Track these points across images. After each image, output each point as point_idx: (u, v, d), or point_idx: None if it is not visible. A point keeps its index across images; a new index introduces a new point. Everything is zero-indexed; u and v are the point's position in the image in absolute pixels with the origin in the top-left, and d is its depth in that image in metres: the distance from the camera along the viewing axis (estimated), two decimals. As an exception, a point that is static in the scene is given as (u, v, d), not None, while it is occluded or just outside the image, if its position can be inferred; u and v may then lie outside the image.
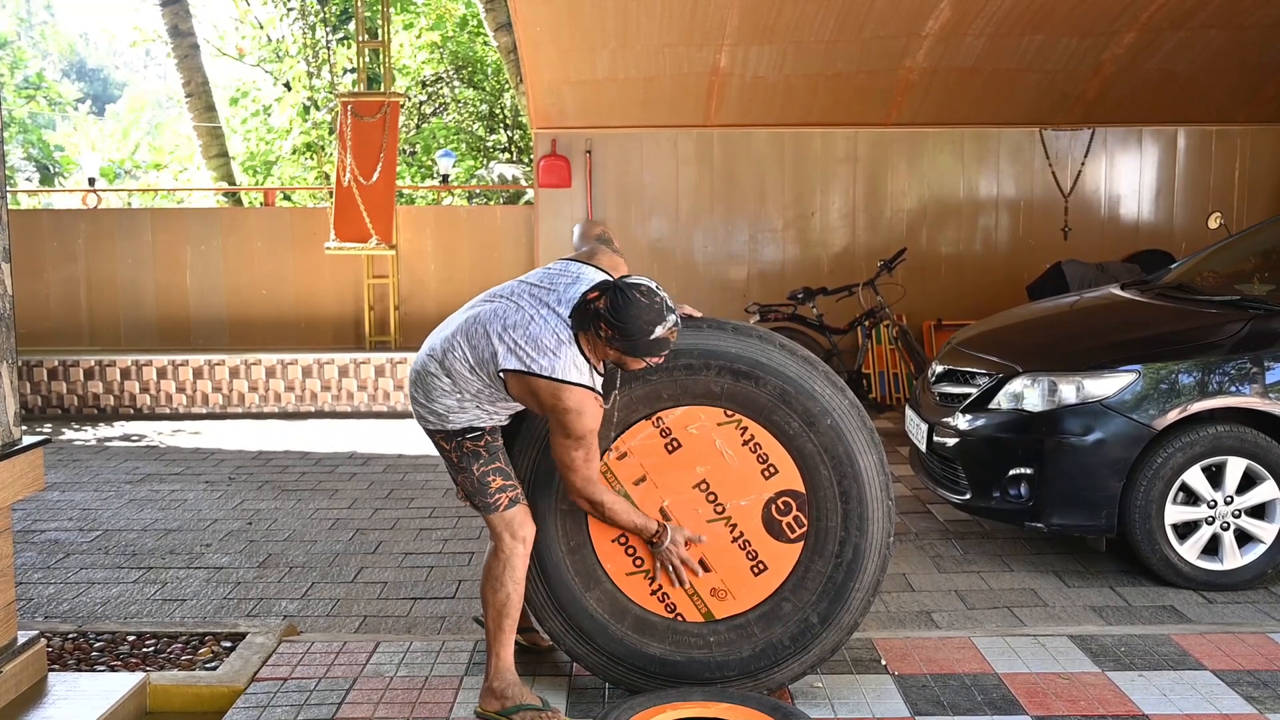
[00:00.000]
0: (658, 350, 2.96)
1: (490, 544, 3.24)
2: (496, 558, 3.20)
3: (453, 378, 3.11)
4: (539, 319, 3.03)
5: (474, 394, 3.12)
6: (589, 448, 3.03)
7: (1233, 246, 5.84)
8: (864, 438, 3.24)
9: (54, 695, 3.31)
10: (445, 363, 3.12)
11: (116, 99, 36.44)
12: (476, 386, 3.11)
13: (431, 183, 16.06)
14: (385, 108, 9.20)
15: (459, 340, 3.12)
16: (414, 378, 3.22)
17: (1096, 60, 8.62)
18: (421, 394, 3.19)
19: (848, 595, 3.23)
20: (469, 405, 3.15)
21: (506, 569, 3.18)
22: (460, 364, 3.10)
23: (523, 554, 3.19)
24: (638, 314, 2.89)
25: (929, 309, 9.12)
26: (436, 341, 3.19)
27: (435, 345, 3.19)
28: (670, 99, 8.92)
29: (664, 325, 2.93)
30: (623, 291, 2.91)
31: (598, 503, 3.12)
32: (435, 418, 3.19)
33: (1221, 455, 4.34)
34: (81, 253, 9.66)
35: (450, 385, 3.12)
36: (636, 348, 2.93)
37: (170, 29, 15.37)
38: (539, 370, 2.97)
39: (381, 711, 3.30)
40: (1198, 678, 3.47)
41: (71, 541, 5.27)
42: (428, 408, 3.19)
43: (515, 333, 3.02)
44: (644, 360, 2.99)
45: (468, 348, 3.09)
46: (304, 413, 8.63)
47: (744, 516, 3.24)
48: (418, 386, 3.20)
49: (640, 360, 2.98)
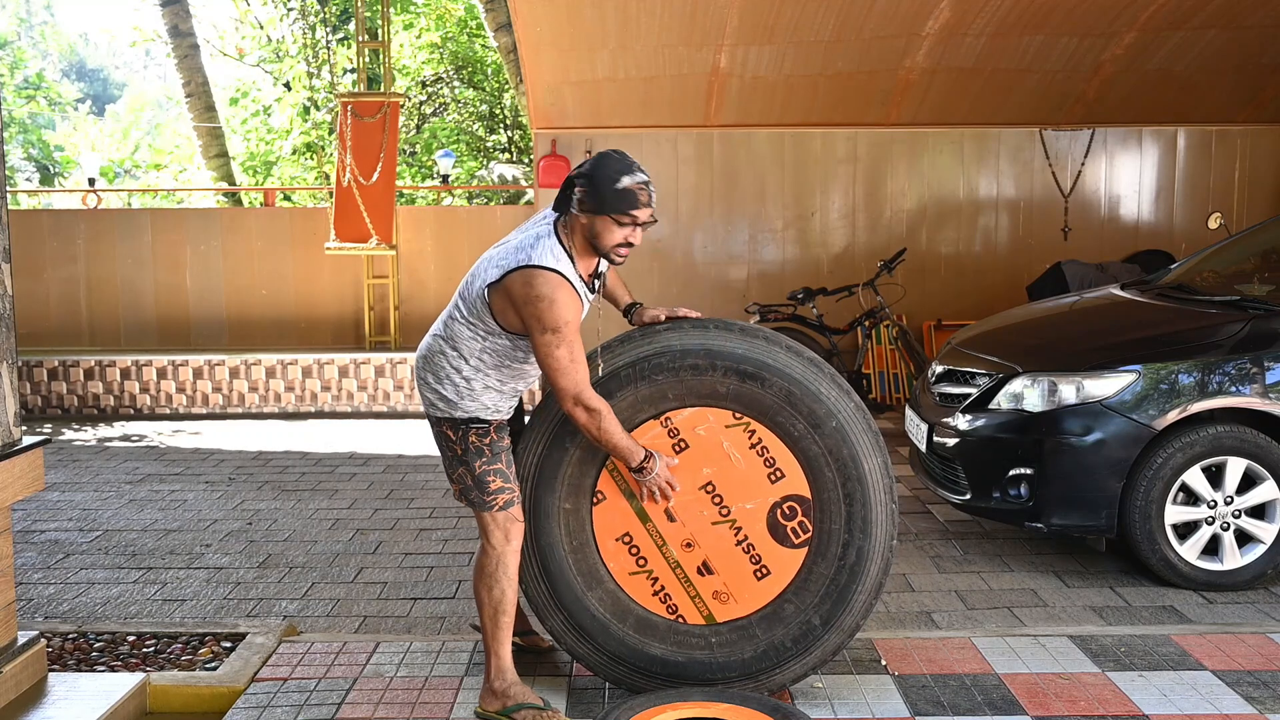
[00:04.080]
0: (626, 204, 3.03)
1: (480, 543, 3.24)
2: (488, 556, 3.20)
3: (457, 346, 3.14)
4: (518, 234, 3.17)
5: (478, 360, 3.13)
6: (571, 345, 2.99)
7: (1233, 246, 5.84)
8: (869, 440, 3.24)
9: (54, 695, 3.30)
10: (448, 332, 3.18)
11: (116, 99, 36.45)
12: (479, 345, 3.12)
13: (431, 183, 16.06)
14: (385, 108, 9.20)
15: (455, 303, 3.19)
16: (422, 361, 3.24)
17: (1096, 60, 8.62)
18: (431, 375, 3.20)
19: (850, 598, 3.23)
20: (476, 382, 3.14)
21: (499, 566, 3.17)
22: (460, 325, 3.15)
23: (514, 552, 3.19)
24: (605, 163, 3.06)
25: (929, 309, 9.12)
26: (439, 320, 3.26)
27: (439, 321, 3.25)
28: (670, 99, 8.92)
29: (632, 177, 3.05)
30: (601, 153, 3.12)
31: (593, 410, 3.03)
32: (444, 403, 3.18)
33: (1221, 455, 4.34)
34: (81, 253, 9.66)
35: (456, 356, 3.14)
36: (605, 198, 3.02)
37: (170, 29, 15.38)
38: (514, 264, 3.02)
39: (381, 712, 3.30)
40: (1198, 678, 3.47)
41: (71, 542, 5.27)
42: (437, 391, 3.18)
43: (496, 255, 3.12)
44: (616, 221, 3.03)
45: (462, 303, 3.16)
46: (304, 413, 8.63)
47: (749, 520, 3.23)
48: (427, 368, 3.21)
49: (612, 223, 3.03)
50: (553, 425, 3.26)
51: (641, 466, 3.14)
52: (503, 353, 3.15)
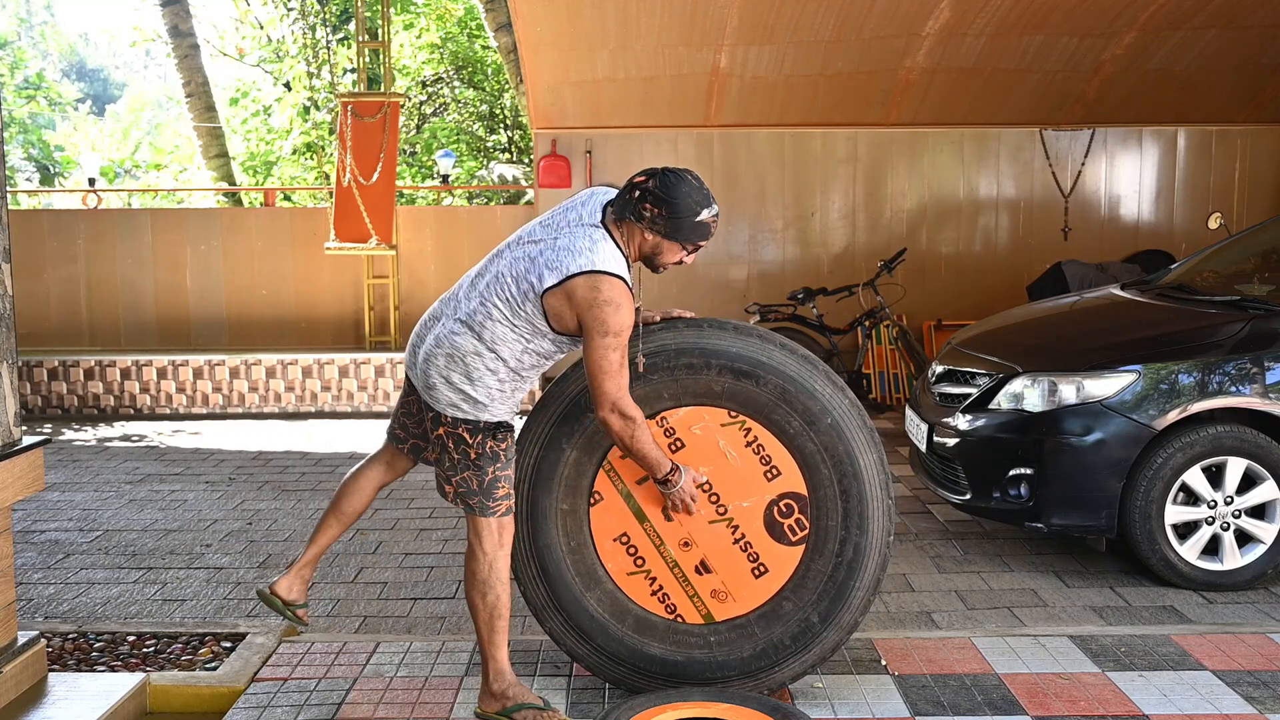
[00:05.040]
0: (699, 236, 3.04)
1: (469, 547, 3.18)
2: (479, 561, 3.14)
3: (496, 348, 3.02)
4: (565, 234, 3.01)
5: (518, 361, 3.05)
6: (623, 350, 2.97)
7: (1233, 246, 5.84)
8: (864, 437, 3.24)
9: (54, 695, 3.30)
10: (484, 333, 3.02)
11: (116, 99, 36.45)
12: (521, 347, 3.04)
13: (431, 183, 16.06)
14: (385, 108, 9.20)
15: (492, 303, 3.02)
16: (445, 360, 3.05)
17: (1096, 60, 8.62)
18: (458, 374, 3.03)
19: (848, 594, 3.23)
20: (509, 385, 3.08)
21: (492, 571, 3.15)
22: (502, 326, 3.01)
23: (505, 556, 3.17)
24: (688, 192, 2.99)
25: (929, 309, 9.12)
26: (460, 316, 3.06)
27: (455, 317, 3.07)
28: (670, 99, 8.92)
29: (709, 211, 3.03)
30: (674, 172, 3.02)
31: (630, 418, 2.98)
32: (470, 404, 3.05)
33: (1221, 455, 4.34)
34: (81, 253, 9.66)
35: (494, 359, 3.03)
36: (681, 228, 3.00)
37: (170, 29, 15.38)
38: (577, 269, 2.93)
39: (381, 712, 3.30)
40: (1198, 678, 3.47)
41: (71, 541, 5.27)
42: (464, 392, 3.04)
43: (546, 255, 2.98)
44: (683, 247, 3.05)
45: (502, 303, 3.01)
46: (304, 413, 8.63)
47: (746, 518, 3.23)
48: (453, 367, 3.04)
49: (679, 248, 3.05)
50: (549, 426, 3.26)
51: (667, 479, 3.12)
52: (543, 354, 3.10)
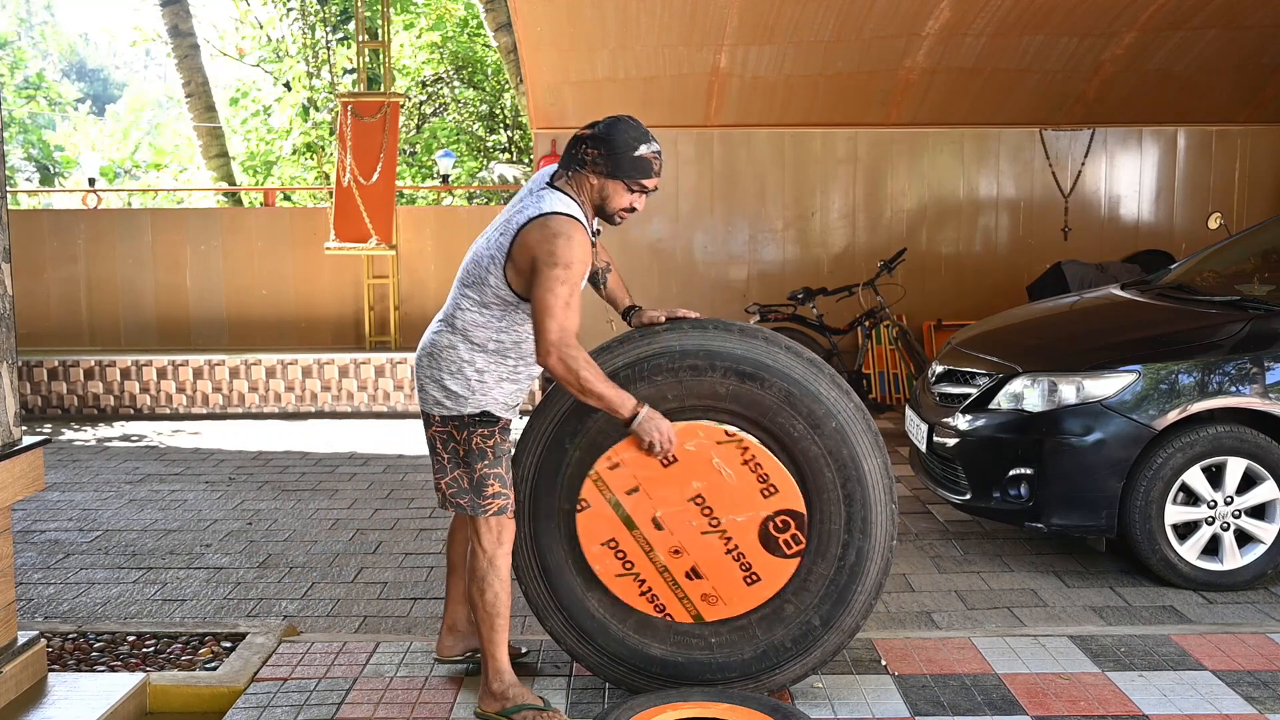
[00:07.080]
0: (640, 172, 3.08)
1: (471, 545, 3.21)
2: (479, 559, 3.17)
3: (469, 337, 3.12)
4: (515, 206, 3.15)
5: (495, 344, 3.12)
6: (573, 288, 2.96)
7: (1233, 246, 5.84)
8: (869, 441, 3.23)
9: (54, 695, 3.30)
10: (458, 324, 3.15)
11: (116, 99, 36.46)
12: (494, 328, 3.11)
13: (431, 183, 16.06)
14: (385, 108, 9.20)
15: (459, 294, 3.17)
16: (427, 359, 3.18)
17: (1096, 60, 8.62)
18: (439, 370, 3.14)
19: (850, 598, 3.23)
20: (490, 374, 3.13)
21: (491, 569, 3.16)
22: (471, 313, 3.13)
23: (505, 554, 3.18)
24: (624, 129, 3.08)
25: (929, 309, 9.12)
26: (439, 316, 3.23)
27: (439, 318, 3.22)
28: (670, 99, 8.91)
29: (648, 146, 3.09)
30: (613, 116, 3.14)
31: (572, 359, 2.93)
32: (452, 400, 3.14)
33: (1221, 455, 4.34)
34: (81, 253, 9.66)
35: (469, 348, 3.13)
36: (621, 164, 3.06)
37: (170, 29, 15.39)
38: (525, 219, 3.04)
39: (381, 712, 3.30)
40: (1198, 678, 3.47)
41: (71, 541, 5.27)
42: (445, 387, 3.13)
43: (500, 229, 3.12)
44: (628, 188, 3.09)
45: (469, 290, 3.14)
46: (304, 413, 8.63)
47: (740, 531, 3.17)
48: (434, 364, 3.16)
49: (623, 188, 3.09)
50: (552, 426, 3.25)
51: (634, 414, 3.03)
52: (520, 331, 3.13)
